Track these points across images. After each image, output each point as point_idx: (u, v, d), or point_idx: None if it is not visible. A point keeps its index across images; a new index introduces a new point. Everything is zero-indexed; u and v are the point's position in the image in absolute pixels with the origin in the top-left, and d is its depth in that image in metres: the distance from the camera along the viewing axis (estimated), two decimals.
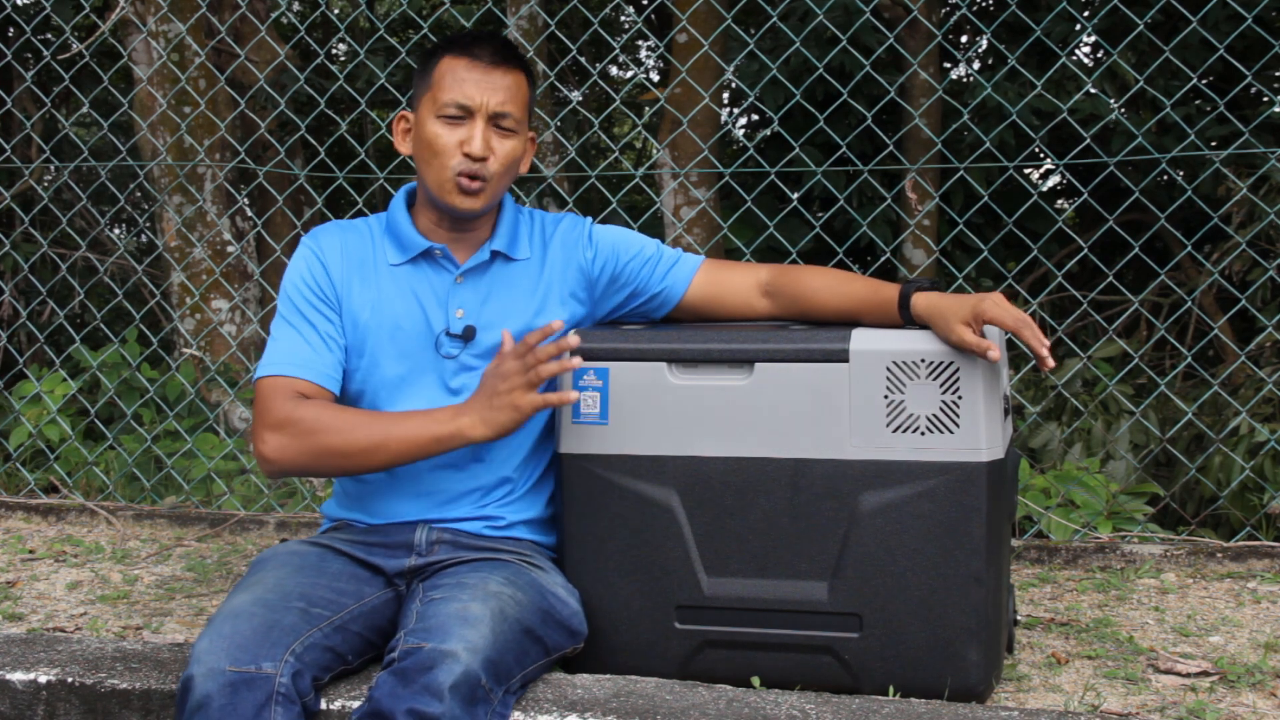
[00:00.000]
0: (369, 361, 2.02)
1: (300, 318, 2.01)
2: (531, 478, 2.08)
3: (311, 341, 1.99)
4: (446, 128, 1.97)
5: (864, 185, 4.73)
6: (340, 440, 1.88)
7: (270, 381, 1.95)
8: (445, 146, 1.97)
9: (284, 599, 1.77)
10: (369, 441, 1.88)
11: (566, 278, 2.08)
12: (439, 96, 1.97)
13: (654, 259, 2.11)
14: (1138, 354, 3.15)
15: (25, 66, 4.90)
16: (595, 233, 2.11)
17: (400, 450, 1.89)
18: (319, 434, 1.89)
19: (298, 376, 1.95)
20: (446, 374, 2.02)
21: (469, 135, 1.96)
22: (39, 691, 1.97)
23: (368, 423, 1.90)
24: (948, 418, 1.86)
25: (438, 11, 4.49)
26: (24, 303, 5.32)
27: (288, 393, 1.93)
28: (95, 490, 3.63)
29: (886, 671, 1.90)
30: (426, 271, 2.04)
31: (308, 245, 2.06)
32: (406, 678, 1.62)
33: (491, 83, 1.97)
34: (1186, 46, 3.90)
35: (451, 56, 1.99)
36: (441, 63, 1.99)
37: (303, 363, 1.96)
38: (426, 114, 1.99)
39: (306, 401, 1.92)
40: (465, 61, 1.98)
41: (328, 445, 1.89)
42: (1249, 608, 2.46)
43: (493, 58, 1.99)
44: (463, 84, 1.97)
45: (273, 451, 1.91)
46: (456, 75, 1.97)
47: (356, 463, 1.91)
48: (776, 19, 3.48)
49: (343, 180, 3.58)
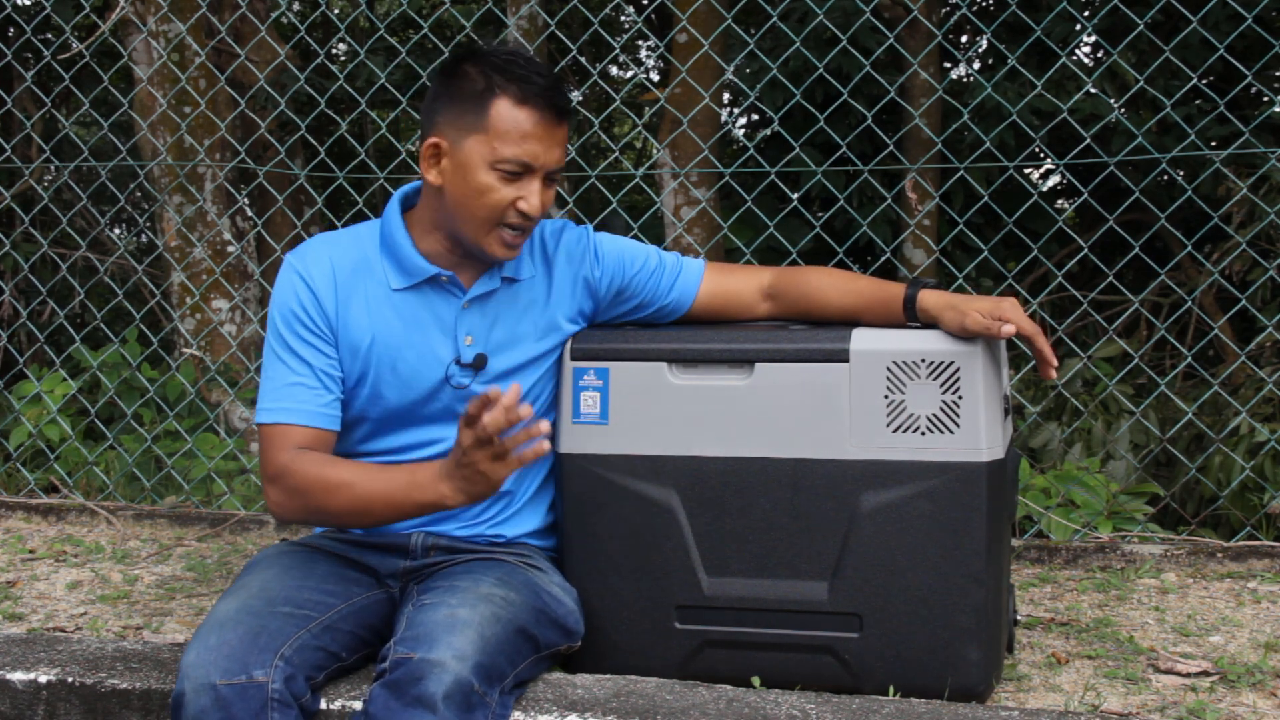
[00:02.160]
0: (370, 392, 1.96)
1: (291, 354, 1.93)
2: (531, 488, 2.06)
3: (306, 380, 1.92)
4: (502, 181, 1.86)
5: (864, 185, 4.73)
6: (327, 502, 1.85)
7: (268, 430, 1.90)
8: (500, 201, 1.86)
9: (269, 604, 1.76)
10: (354, 505, 1.84)
11: (575, 296, 2.03)
12: (499, 149, 1.85)
13: (659, 270, 2.06)
14: (1138, 354, 3.15)
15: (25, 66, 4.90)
16: (600, 247, 2.05)
17: (385, 515, 1.86)
18: (308, 495, 1.86)
19: (294, 424, 1.90)
20: (455, 403, 1.97)
21: (527, 194, 1.87)
22: (39, 691, 1.97)
23: (351, 485, 1.84)
24: (948, 418, 1.86)
25: (438, 11, 4.49)
26: (24, 303, 5.32)
27: (284, 444, 1.88)
28: (95, 490, 3.63)
29: (886, 671, 1.90)
30: (430, 297, 1.96)
31: (294, 269, 1.95)
32: (399, 690, 1.62)
33: (555, 139, 1.88)
34: (1186, 46, 3.90)
35: (512, 103, 1.85)
36: (499, 104, 1.85)
37: (298, 407, 1.90)
38: (478, 159, 1.86)
39: (300, 456, 1.87)
40: (531, 115, 1.85)
41: (316, 505, 1.86)
42: (1249, 608, 2.46)
43: (558, 115, 1.87)
44: (528, 141, 1.85)
45: (274, 505, 1.90)
46: (521, 129, 1.85)
47: (346, 522, 1.90)
48: (776, 19, 3.48)
49: (343, 180, 3.58)
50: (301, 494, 1.86)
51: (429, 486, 1.80)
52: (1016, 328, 1.81)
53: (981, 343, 1.87)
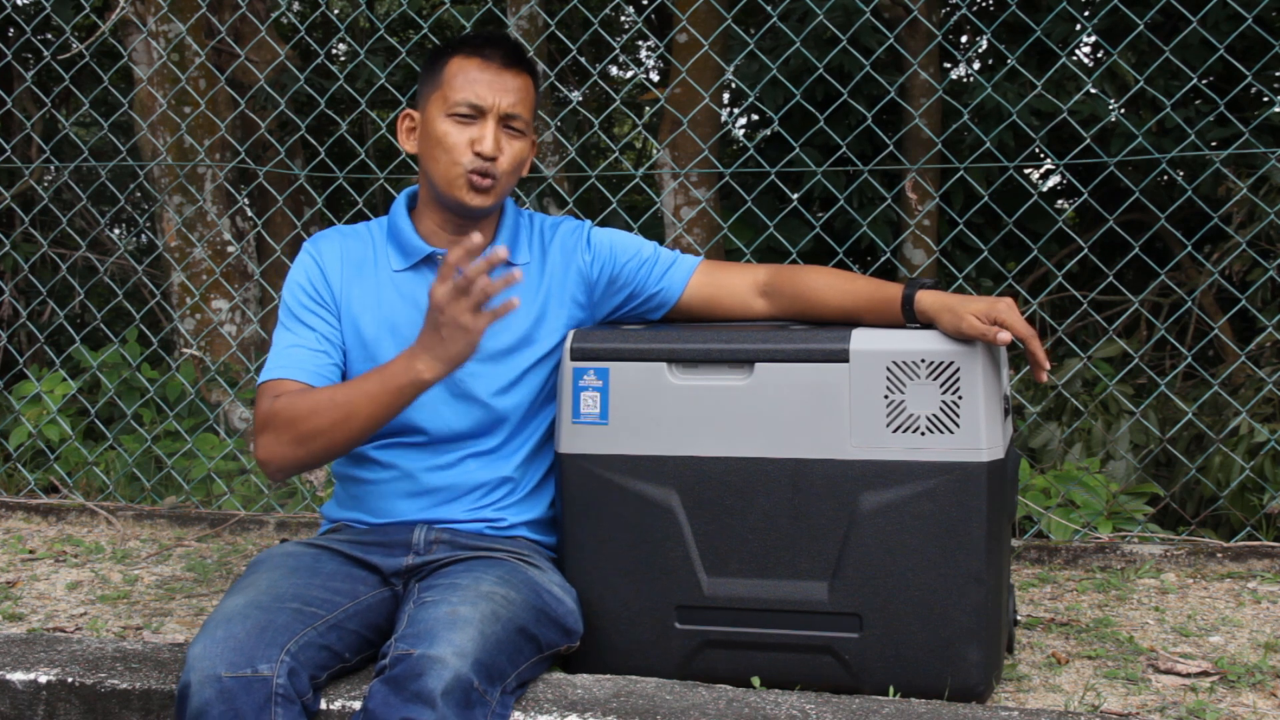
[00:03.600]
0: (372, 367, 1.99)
1: (296, 321, 2.03)
2: (534, 478, 2.08)
3: (305, 343, 2.00)
4: (457, 126, 1.98)
5: (864, 185, 4.73)
6: (314, 422, 1.88)
7: (262, 386, 1.97)
8: (456, 144, 1.98)
9: (277, 600, 1.77)
10: (338, 414, 1.87)
11: (567, 282, 2.08)
12: (450, 95, 1.99)
13: (651, 260, 2.11)
14: (1138, 354, 3.15)
15: (25, 66, 4.90)
16: (593, 236, 2.12)
17: (370, 413, 1.87)
18: (295, 423, 1.89)
19: (286, 378, 1.95)
20: (448, 381, 2.01)
21: (480, 134, 1.97)
22: (39, 691, 1.97)
23: (331, 396, 1.89)
24: (948, 418, 1.86)
25: (438, 11, 4.49)
26: (24, 303, 5.32)
27: (273, 394, 1.94)
28: (95, 490, 3.63)
29: (886, 671, 1.90)
30: (429, 277, 2.04)
31: (307, 250, 2.08)
32: (398, 686, 1.62)
33: (503, 84, 1.99)
34: (1186, 46, 3.90)
35: (463, 57, 2.00)
36: (452, 62, 2.01)
37: (294, 364, 1.97)
38: (436, 112, 2.00)
39: (282, 396, 1.92)
40: (477, 62, 1.99)
41: (304, 431, 1.88)
42: (1249, 608, 2.46)
43: (504, 59, 2.00)
44: (475, 84, 1.98)
45: (264, 453, 1.91)
46: (469, 75, 1.99)
47: (337, 438, 1.89)
48: (776, 19, 3.48)
49: (343, 180, 3.58)
50: (290, 424, 1.89)
51: (402, 369, 1.85)
52: (1012, 331, 1.82)
53: (981, 342, 1.87)
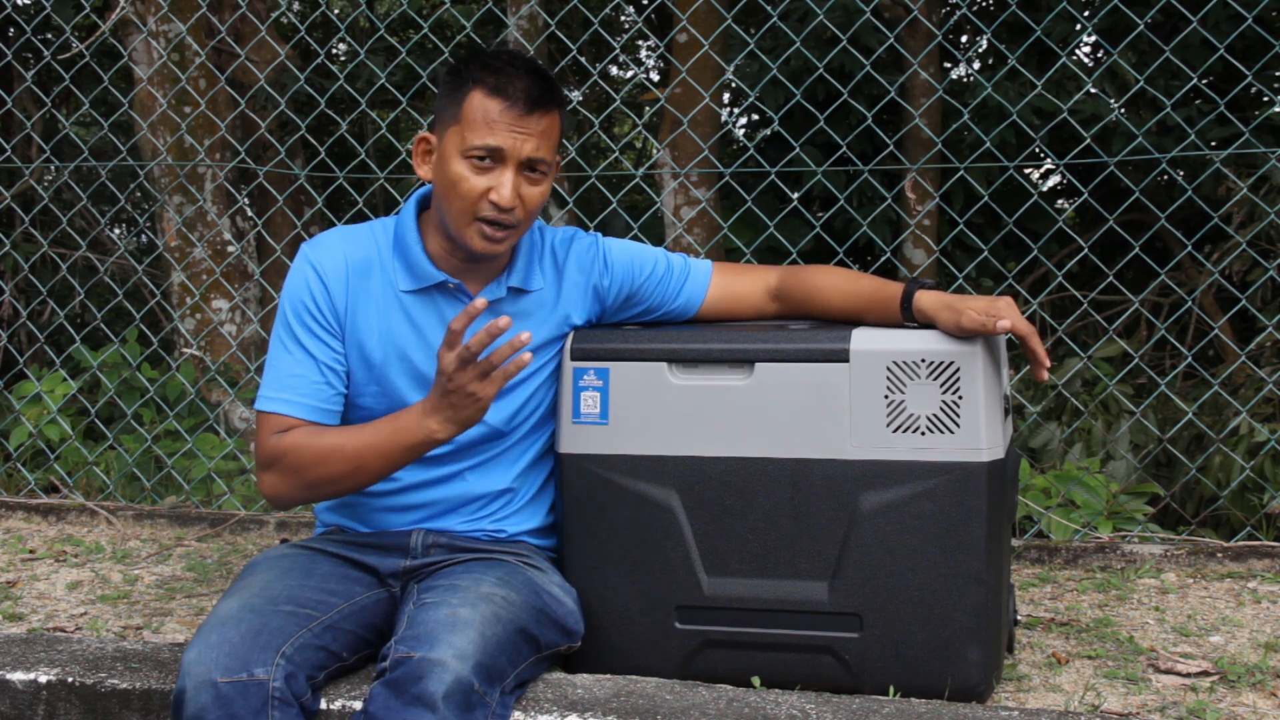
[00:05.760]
0: (379, 390, 1.98)
1: (297, 344, 1.94)
2: (534, 486, 2.07)
3: (308, 372, 1.93)
4: (473, 171, 1.85)
5: (864, 185, 4.73)
6: (322, 471, 1.87)
7: (263, 418, 1.93)
8: (471, 190, 1.85)
9: (271, 602, 1.76)
10: (347, 466, 1.86)
11: (584, 305, 2.04)
12: (468, 137, 1.84)
13: (667, 275, 2.07)
14: (1138, 354, 3.15)
15: (25, 66, 4.90)
16: (610, 254, 2.05)
17: (379, 468, 1.87)
18: (302, 470, 1.88)
19: (290, 415, 1.91)
20: None
21: (497, 183, 1.85)
22: (39, 691, 1.97)
23: (341, 446, 1.87)
24: (948, 418, 1.86)
25: (438, 11, 4.49)
26: (24, 303, 5.32)
27: (277, 430, 1.91)
28: (95, 490, 3.63)
29: (886, 671, 1.90)
30: (439, 302, 1.97)
31: (307, 259, 1.96)
32: (399, 689, 1.62)
33: (525, 128, 1.85)
34: (1186, 46, 3.90)
35: (484, 94, 1.85)
36: (473, 97, 1.85)
37: (297, 399, 1.92)
38: (452, 149, 1.87)
39: (289, 435, 1.89)
40: (499, 104, 1.84)
41: (312, 479, 1.88)
42: (1249, 608, 2.46)
43: (528, 103, 1.84)
44: (494, 128, 1.84)
45: (270, 489, 1.92)
46: (487, 116, 1.84)
47: (345, 486, 1.90)
48: (776, 19, 3.48)
49: (343, 180, 3.58)
50: (298, 471, 1.88)
51: (415, 426, 1.83)
52: (1012, 325, 1.82)
53: (981, 343, 1.87)
